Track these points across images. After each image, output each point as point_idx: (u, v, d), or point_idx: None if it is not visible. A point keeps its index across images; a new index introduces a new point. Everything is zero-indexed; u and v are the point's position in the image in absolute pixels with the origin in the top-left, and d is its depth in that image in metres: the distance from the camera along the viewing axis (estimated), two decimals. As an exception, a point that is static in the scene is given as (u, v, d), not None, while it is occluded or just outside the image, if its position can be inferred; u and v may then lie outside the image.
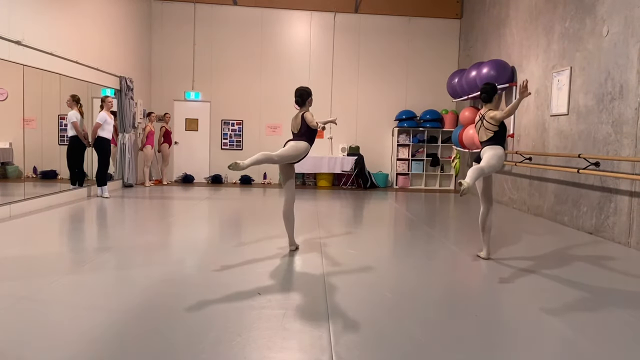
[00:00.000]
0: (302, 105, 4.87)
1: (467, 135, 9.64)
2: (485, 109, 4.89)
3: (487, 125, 4.76)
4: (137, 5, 10.73)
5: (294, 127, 4.91)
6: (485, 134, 4.81)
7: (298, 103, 4.88)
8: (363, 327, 2.96)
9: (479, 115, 4.92)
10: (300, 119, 4.81)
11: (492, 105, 4.89)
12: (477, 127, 4.91)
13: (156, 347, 2.63)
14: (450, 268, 4.55)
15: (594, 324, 3.16)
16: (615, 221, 5.88)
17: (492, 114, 4.74)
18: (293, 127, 4.92)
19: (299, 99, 4.86)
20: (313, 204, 8.68)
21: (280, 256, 4.71)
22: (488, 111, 4.82)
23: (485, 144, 4.82)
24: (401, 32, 12.04)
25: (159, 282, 3.77)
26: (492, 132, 4.76)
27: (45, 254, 4.54)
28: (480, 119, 4.87)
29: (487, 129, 4.77)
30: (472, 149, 9.78)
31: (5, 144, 7.11)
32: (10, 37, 6.27)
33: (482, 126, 4.81)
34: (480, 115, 4.89)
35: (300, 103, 4.87)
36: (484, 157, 4.69)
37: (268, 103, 11.86)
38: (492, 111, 4.79)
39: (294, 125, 4.90)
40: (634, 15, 5.66)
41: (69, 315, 3.05)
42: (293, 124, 4.92)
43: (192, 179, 11.77)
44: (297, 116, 4.86)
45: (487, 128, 4.77)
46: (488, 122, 4.75)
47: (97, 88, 8.97)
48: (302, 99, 4.86)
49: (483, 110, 4.90)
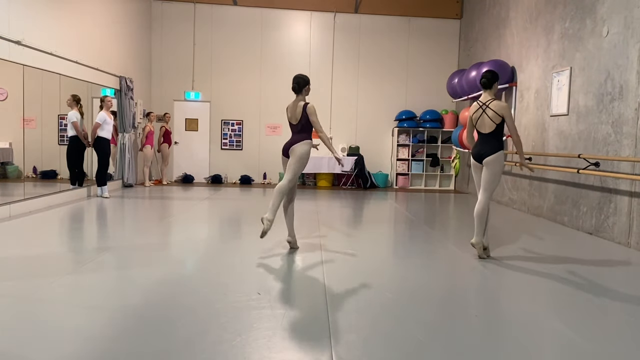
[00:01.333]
0: (299, 92, 4.79)
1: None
2: (487, 96, 4.59)
3: (491, 114, 4.47)
4: (137, 5, 10.73)
5: (292, 116, 4.78)
6: (486, 126, 4.55)
7: (295, 90, 4.79)
8: (363, 327, 2.96)
9: (477, 103, 4.61)
10: (302, 109, 4.70)
11: (492, 93, 4.61)
12: (477, 116, 4.59)
13: (156, 347, 2.63)
14: (451, 268, 4.55)
15: (594, 324, 3.16)
16: (615, 221, 5.88)
17: (502, 105, 4.42)
18: (291, 117, 4.79)
19: (295, 86, 4.78)
20: (313, 204, 8.68)
21: (280, 256, 4.71)
22: (493, 100, 4.51)
23: (486, 137, 4.56)
24: (401, 32, 12.04)
25: (159, 282, 3.77)
26: (495, 123, 4.48)
27: (45, 254, 4.54)
28: (480, 107, 4.56)
29: (490, 118, 4.48)
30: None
31: (5, 144, 7.11)
32: (10, 37, 6.27)
33: (485, 115, 4.51)
34: (480, 103, 4.58)
35: (297, 90, 4.79)
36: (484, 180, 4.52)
37: (268, 103, 11.85)
38: (499, 102, 4.49)
39: (293, 114, 4.77)
40: (634, 16, 5.66)
41: (69, 315, 3.05)
42: (292, 113, 4.79)
43: (192, 179, 11.77)
44: (297, 105, 4.74)
45: (490, 117, 4.49)
46: (494, 112, 4.46)
47: (97, 88, 8.97)
48: (299, 86, 4.77)
49: (483, 98, 4.60)
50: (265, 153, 11.94)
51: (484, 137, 4.65)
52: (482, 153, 4.61)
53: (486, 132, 4.61)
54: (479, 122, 4.65)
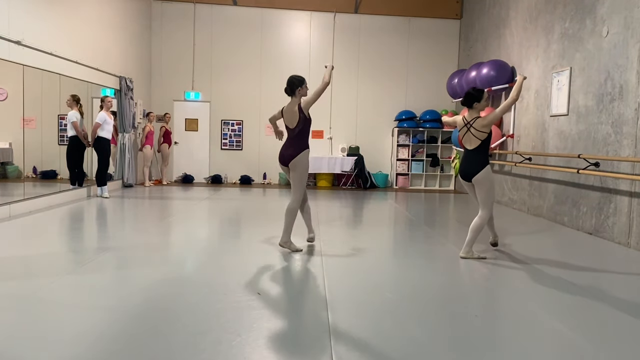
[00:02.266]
0: (292, 94, 4.68)
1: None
2: (472, 114, 4.73)
3: (475, 132, 4.62)
4: (137, 5, 10.73)
5: (289, 120, 4.68)
6: (472, 143, 4.69)
7: (287, 92, 4.70)
8: (363, 327, 2.96)
9: (463, 120, 4.75)
10: (298, 110, 4.61)
11: (475, 113, 4.73)
12: (463, 133, 4.75)
13: (156, 347, 2.63)
14: (450, 268, 4.55)
15: (594, 324, 3.16)
16: (615, 221, 5.88)
17: (483, 122, 4.58)
18: (288, 121, 4.69)
19: (287, 89, 4.69)
20: (313, 204, 8.66)
21: (281, 256, 4.71)
22: (477, 119, 4.66)
23: (470, 153, 4.70)
24: (401, 32, 12.04)
25: (159, 282, 3.77)
26: (479, 140, 4.63)
27: (45, 254, 4.54)
28: (466, 124, 4.71)
29: (475, 136, 4.63)
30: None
31: (5, 144, 7.11)
32: (10, 37, 6.27)
33: (469, 133, 4.66)
34: (465, 121, 4.73)
35: (289, 92, 4.69)
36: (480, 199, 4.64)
37: (268, 103, 11.83)
38: (481, 118, 4.64)
39: (289, 118, 4.67)
40: (634, 16, 5.66)
41: (69, 315, 3.05)
42: (288, 116, 4.68)
43: (192, 179, 11.77)
44: (292, 109, 4.64)
45: (474, 135, 4.64)
46: (476, 130, 4.62)
47: (97, 88, 8.97)
48: (291, 89, 4.68)
49: (468, 116, 4.74)
50: (265, 153, 11.93)
51: (469, 153, 4.77)
52: (469, 172, 4.71)
53: (472, 148, 4.73)
54: (464, 138, 4.76)
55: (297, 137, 4.70)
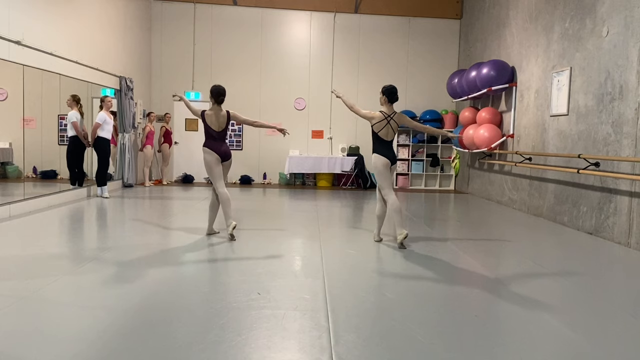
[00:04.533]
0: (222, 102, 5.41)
1: (467, 135, 9.64)
2: (391, 108, 5.23)
3: (394, 125, 5.24)
4: (137, 5, 10.73)
5: (216, 124, 5.25)
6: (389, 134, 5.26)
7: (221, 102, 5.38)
8: (363, 327, 2.97)
9: (383, 114, 5.24)
10: (227, 115, 5.28)
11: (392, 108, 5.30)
12: (383, 125, 5.22)
13: (156, 347, 2.63)
14: (450, 268, 4.55)
15: (594, 324, 3.16)
16: (615, 221, 5.88)
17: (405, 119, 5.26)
18: (215, 124, 5.25)
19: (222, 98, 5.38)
20: (313, 204, 8.68)
21: (280, 256, 4.71)
22: (395, 114, 5.23)
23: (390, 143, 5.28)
24: (401, 33, 12.04)
25: (159, 282, 3.77)
26: (394, 132, 5.28)
27: (45, 254, 4.54)
28: (385, 117, 5.20)
29: (393, 128, 5.25)
30: (472, 149, 9.79)
31: (5, 144, 7.11)
32: (10, 37, 6.27)
33: (390, 126, 5.22)
34: (385, 115, 5.20)
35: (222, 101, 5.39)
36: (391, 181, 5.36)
37: (268, 103, 11.86)
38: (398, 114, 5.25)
39: (217, 122, 5.26)
40: (634, 16, 5.66)
41: (69, 315, 3.05)
42: (216, 120, 5.26)
43: (192, 179, 11.77)
44: (220, 114, 5.29)
45: (392, 128, 5.24)
46: (395, 123, 5.25)
47: (97, 88, 8.97)
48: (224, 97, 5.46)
49: (388, 110, 5.24)
50: (265, 153, 11.94)
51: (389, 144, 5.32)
52: (394, 157, 5.35)
53: (390, 140, 5.32)
54: (389, 131, 5.29)
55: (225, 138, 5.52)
